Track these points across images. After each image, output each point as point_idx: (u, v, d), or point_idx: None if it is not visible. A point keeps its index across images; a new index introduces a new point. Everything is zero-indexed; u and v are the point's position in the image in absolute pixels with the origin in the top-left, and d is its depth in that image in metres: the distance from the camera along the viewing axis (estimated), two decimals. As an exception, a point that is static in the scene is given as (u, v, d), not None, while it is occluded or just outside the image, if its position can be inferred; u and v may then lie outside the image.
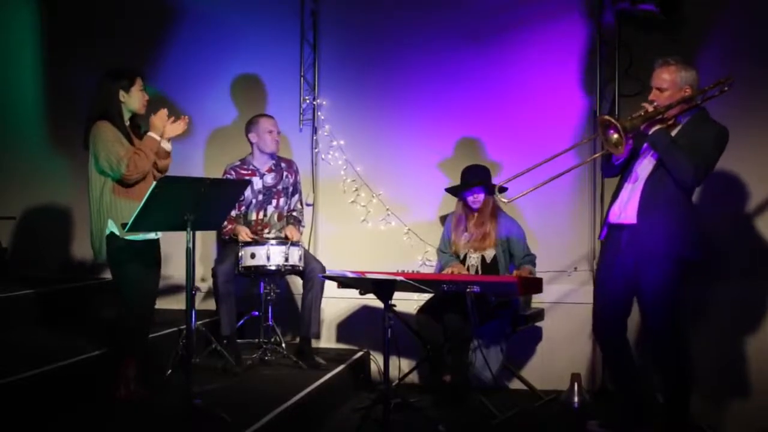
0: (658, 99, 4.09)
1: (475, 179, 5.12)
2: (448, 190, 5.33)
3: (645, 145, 4.17)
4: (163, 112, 4.29)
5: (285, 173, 5.36)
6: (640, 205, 4.09)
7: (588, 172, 5.44)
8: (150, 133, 4.25)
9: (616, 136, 4.01)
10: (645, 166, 4.16)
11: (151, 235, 4.24)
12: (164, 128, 4.28)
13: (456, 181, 5.31)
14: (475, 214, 5.19)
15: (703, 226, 4.23)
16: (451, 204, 5.40)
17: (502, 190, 4.66)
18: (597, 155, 4.66)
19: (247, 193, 5.24)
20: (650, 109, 4.06)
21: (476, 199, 5.14)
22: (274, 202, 5.31)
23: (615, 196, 4.26)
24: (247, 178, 5.22)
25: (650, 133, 4.08)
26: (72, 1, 6.10)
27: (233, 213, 5.17)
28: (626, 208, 4.15)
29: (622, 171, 4.27)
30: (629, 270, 4.14)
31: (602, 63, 5.42)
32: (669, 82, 4.08)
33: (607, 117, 4.09)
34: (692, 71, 4.10)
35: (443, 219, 5.50)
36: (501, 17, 5.56)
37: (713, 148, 4.05)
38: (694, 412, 4.34)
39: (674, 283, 4.06)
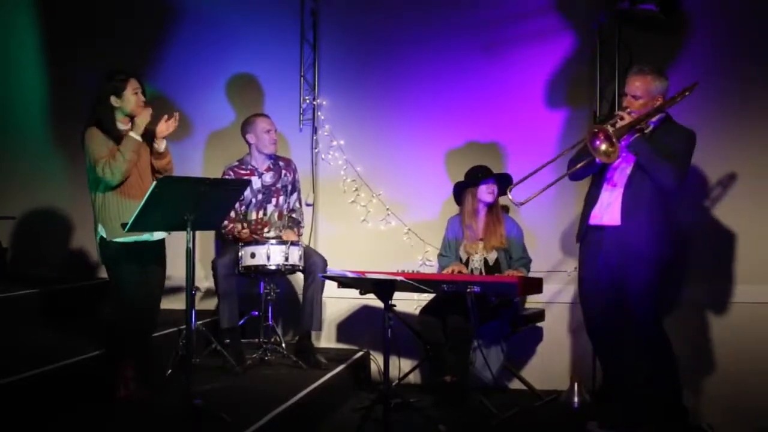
0: (632, 106, 4.21)
1: (488, 173, 5.09)
2: (460, 183, 5.21)
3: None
4: (168, 123, 4.28)
5: (283, 171, 5.36)
6: (623, 207, 4.17)
7: (588, 172, 5.43)
8: (130, 133, 4.19)
9: (604, 146, 4.05)
10: (621, 170, 4.24)
11: (144, 236, 4.22)
12: (157, 129, 4.27)
13: (456, 181, 5.28)
14: (486, 211, 5.14)
15: (678, 225, 4.36)
16: (453, 205, 5.37)
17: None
18: (583, 162, 4.41)
19: (247, 192, 5.23)
20: (625, 116, 4.14)
21: (491, 190, 5.08)
22: (273, 200, 5.31)
23: (593, 200, 4.31)
24: (246, 178, 5.21)
25: (630, 141, 4.16)
26: (72, 1, 6.09)
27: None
28: (608, 211, 4.23)
29: (593, 177, 4.35)
30: (613, 270, 4.21)
31: (602, 63, 5.42)
32: (643, 90, 4.20)
33: (596, 128, 4.11)
34: (665, 81, 4.24)
35: (445, 220, 5.42)
36: (501, 17, 5.56)
37: (687, 152, 4.18)
38: (693, 412, 4.34)
39: (659, 282, 4.16)
